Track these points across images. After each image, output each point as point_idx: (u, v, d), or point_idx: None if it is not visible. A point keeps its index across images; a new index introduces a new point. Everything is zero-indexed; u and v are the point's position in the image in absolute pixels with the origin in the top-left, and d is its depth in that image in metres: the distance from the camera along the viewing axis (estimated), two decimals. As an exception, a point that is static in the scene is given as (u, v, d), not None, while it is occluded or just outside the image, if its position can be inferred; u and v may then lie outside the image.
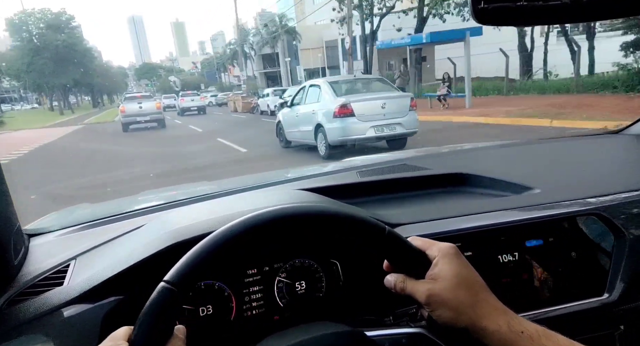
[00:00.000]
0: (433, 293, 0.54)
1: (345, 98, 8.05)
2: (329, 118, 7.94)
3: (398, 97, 8.41)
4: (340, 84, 8.89)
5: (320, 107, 8.34)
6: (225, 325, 0.73)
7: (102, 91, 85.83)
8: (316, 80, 9.94)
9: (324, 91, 8.47)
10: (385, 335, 0.58)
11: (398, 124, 7.97)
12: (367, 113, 7.80)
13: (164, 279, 0.49)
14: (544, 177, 1.07)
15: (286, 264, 0.77)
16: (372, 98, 8.12)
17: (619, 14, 0.53)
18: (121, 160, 10.63)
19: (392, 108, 7.94)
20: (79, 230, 0.96)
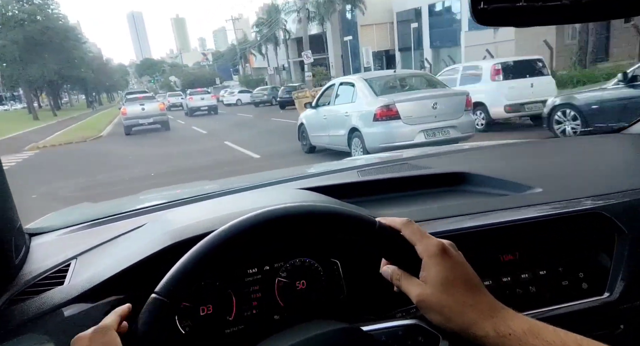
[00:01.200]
0: (422, 298, 0.55)
1: (388, 97, 6.78)
2: (367, 121, 6.74)
3: (451, 95, 7.08)
4: (379, 81, 7.54)
5: (355, 109, 7.15)
6: (225, 324, 0.73)
7: (98, 89, 78.20)
8: (348, 77, 8.61)
9: (360, 90, 7.19)
10: (381, 328, 0.58)
11: (452, 127, 6.67)
12: (415, 115, 6.55)
13: (154, 291, 0.49)
14: (544, 176, 1.07)
15: (286, 263, 0.77)
16: (421, 97, 6.83)
17: (619, 14, 0.53)
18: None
19: (445, 109, 6.66)
20: (79, 229, 0.96)
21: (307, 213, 0.57)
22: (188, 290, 0.51)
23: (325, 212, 0.57)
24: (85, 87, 61.72)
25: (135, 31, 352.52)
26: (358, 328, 0.56)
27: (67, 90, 69.35)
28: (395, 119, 6.55)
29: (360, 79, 7.50)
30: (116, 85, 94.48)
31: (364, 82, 7.31)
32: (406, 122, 6.56)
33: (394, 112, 6.55)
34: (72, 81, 51.27)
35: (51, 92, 49.59)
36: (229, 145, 11.30)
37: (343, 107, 7.54)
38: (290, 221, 0.55)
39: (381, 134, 6.59)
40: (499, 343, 0.50)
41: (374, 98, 6.92)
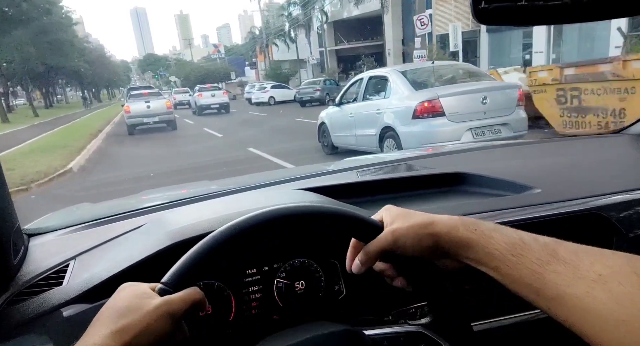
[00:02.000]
0: (393, 228, 0.55)
1: (430, 91, 5.89)
2: (404, 119, 5.86)
3: (502, 88, 6.12)
4: (416, 74, 6.57)
5: (390, 105, 6.22)
6: (224, 325, 0.73)
7: (97, 84, 70.17)
8: (380, 70, 7.65)
9: (396, 83, 6.26)
10: (383, 333, 0.58)
11: (504, 125, 5.76)
12: (462, 112, 5.62)
13: (161, 281, 0.49)
14: (544, 176, 1.07)
15: (286, 264, 0.77)
16: (468, 90, 5.84)
17: (620, 13, 0.53)
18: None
19: (496, 104, 5.72)
20: (78, 229, 0.96)
21: (314, 214, 0.57)
22: (195, 282, 0.51)
23: (333, 213, 0.57)
24: (81, 81, 54.53)
25: (139, 27, 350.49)
26: (360, 331, 0.56)
27: (63, 85, 62.83)
28: (439, 116, 5.61)
29: (395, 71, 6.55)
30: (117, 81, 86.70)
31: (399, 74, 6.33)
32: (451, 120, 5.61)
33: (438, 107, 5.58)
34: (65, 73, 43.98)
35: (38, 85, 42.88)
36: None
37: (374, 104, 6.64)
38: (297, 220, 0.55)
39: (422, 133, 5.66)
40: (466, 238, 0.53)
41: (412, 93, 5.98)
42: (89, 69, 50.07)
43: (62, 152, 10.55)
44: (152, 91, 18.23)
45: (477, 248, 0.52)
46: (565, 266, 0.46)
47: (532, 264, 0.48)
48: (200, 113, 23.49)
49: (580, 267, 0.46)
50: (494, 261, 0.50)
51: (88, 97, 52.35)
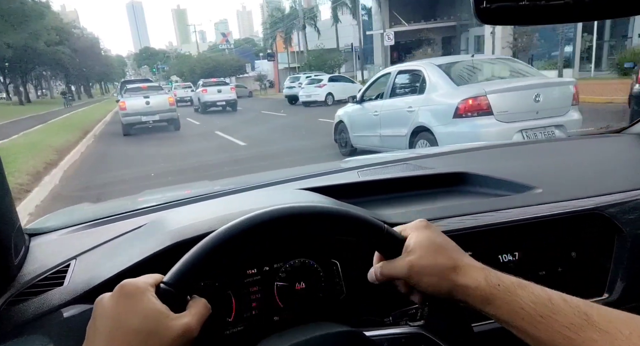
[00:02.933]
0: (412, 263, 0.54)
1: (475, 87, 5.19)
2: (444, 118, 5.14)
3: (557, 84, 5.49)
4: (456, 68, 5.78)
5: (425, 102, 5.50)
6: (224, 325, 0.73)
7: (87, 76, 63.43)
8: (412, 63, 6.81)
9: (432, 78, 5.53)
10: (384, 334, 0.58)
11: (558, 127, 5.06)
12: (512, 111, 4.96)
13: (162, 280, 0.49)
14: (544, 176, 1.06)
15: (286, 264, 0.77)
16: (519, 86, 5.19)
17: (622, 13, 0.53)
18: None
19: (549, 102, 5.04)
20: (79, 229, 0.96)
21: (317, 213, 0.57)
22: (195, 283, 0.51)
23: (334, 213, 0.57)
24: (66, 72, 46.61)
25: (135, 22, 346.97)
26: (361, 332, 0.56)
27: (48, 78, 54.04)
28: (486, 115, 4.93)
29: (432, 64, 5.79)
30: (111, 74, 78.64)
31: (436, 68, 5.61)
32: (500, 119, 4.94)
33: (485, 105, 4.90)
34: (46, 62, 37.43)
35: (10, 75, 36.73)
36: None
37: (405, 101, 5.91)
38: (300, 220, 0.55)
39: (464, 134, 4.94)
40: (488, 294, 0.51)
41: (453, 89, 5.29)
42: (75, 58, 43.47)
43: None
44: (151, 85, 15.77)
45: (500, 304, 0.50)
46: (601, 334, 0.44)
47: (563, 328, 0.45)
48: (204, 111, 20.92)
49: (618, 336, 0.43)
50: (519, 320, 0.48)
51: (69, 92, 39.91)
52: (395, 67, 6.74)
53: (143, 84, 15.37)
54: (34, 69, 40.92)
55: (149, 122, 13.41)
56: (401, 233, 0.59)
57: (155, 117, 13.40)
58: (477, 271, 0.53)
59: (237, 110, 21.23)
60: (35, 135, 13.20)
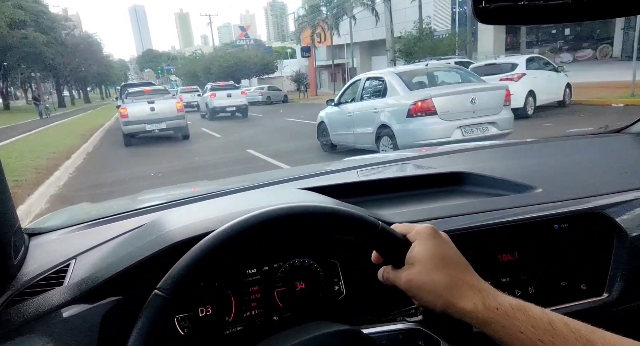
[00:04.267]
0: (410, 278, 0.55)
1: (423, 91, 6.42)
2: (399, 117, 6.33)
3: (490, 88, 6.66)
4: (411, 75, 7.06)
5: (386, 104, 6.69)
6: (224, 325, 0.73)
7: (86, 79, 56.67)
8: (377, 72, 8.16)
9: (392, 84, 6.73)
10: (381, 331, 0.58)
11: (491, 123, 6.27)
12: (452, 111, 6.13)
13: (157, 287, 0.49)
14: (544, 176, 1.07)
15: (285, 264, 0.77)
16: (458, 91, 6.43)
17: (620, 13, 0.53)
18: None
19: (484, 104, 6.23)
20: (78, 229, 0.96)
21: (309, 213, 0.57)
22: (190, 288, 0.51)
23: (328, 212, 0.57)
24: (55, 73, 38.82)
25: (138, 26, 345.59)
26: (359, 330, 0.56)
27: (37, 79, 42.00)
28: (432, 115, 6.11)
29: (391, 72, 7.07)
30: (111, 77, 70.57)
31: (395, 76, 6.85)
32: (443, 118, 6.11)
33: (431, 107, 6.08)
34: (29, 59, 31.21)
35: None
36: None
37: (371, 103, 7.09)
38: (291, 220, 0.55)
39: (415, 131, 6.14)
40: (486, 318, 0.50)
41: (407, 93, 6.48)
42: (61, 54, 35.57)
43: None
44: (156, 89, 14.19)
45: (498, 328, 0.49)
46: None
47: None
48: (213, 118, 19.08)
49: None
50: (519, 344, 0.48)
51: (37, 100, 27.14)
52: (364, 74, 8.06)
53: (147, 88, 13.91)
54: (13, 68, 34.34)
55: (154, 131, 11.82)
56: (406, 235, 0.59)
57: (162, 125, 11.78)
58: (475, 293, 0.52)
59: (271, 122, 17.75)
60: None
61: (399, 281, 0.56)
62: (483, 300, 0.51)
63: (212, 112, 19.10)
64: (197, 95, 26.01)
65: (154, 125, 11.72)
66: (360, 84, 7.59)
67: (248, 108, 20.09)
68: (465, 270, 0.55)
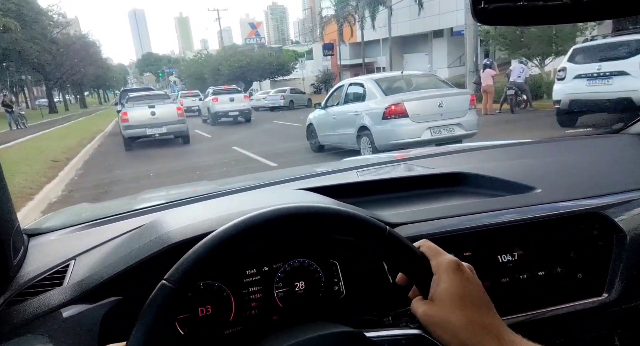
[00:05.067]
0: (428, 313, 0.55)
1: (396, 96, 7.18)
2: (376, 119, 7.09)
3: (456, 94, 7.52)
4: (387, 82, 7.93)
5: (365, 108, 7.47)
6: (224, 325, 0.73)
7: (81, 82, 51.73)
8: (357, 78, 9.07)
9: (370, 90, 7.55)
10: (384, 336, 0.58)
11: (457, 125, 7.07)
12: (422, 114, 6.92)
13: (164, 278, 0.50)
14: (543, 176, 1.07)
15: (285, 264, 0.77)
16: (427, 96, 7.17)
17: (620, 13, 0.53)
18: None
19: (451, 107, 7.03)
20: (78, 230, 0.96)
21: (319, 213, 0.57)
22: (197, 280, 0.51)
23: (337, 214, 0.57)
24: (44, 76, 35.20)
25: (137, 30, 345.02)
26: (361, 333, 0.56)
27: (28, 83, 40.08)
28: (403, 117, 6.88)
29: (370, 79, 7.89)
30: (109, 81, 66.39)
31: (373, 82, 7.66)
32: (414, 120, 6.89)
33: (403, 110, 6.86)
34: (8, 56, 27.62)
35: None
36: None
37: (352, 107, 7.81)
38: (300, 219, 0.56)
39: (390, 131, 6.92)
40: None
41: (382, 98, 7.24)
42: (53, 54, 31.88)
43: None
44: (156, 93, 14.63)
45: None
46: None
47: None
48: (215, 123, 18.61)
49: None
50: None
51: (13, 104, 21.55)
52: (346, 80, 8.92)
53: (147, 93, 14.16)
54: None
55: (155, 135, 11.89)
56: (431, 260, 0.58)
57: (162, 130, 11.84)
58: (492, 340, 0.52)
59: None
60: None
61: (416, 313, 0.57)
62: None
63: (214, 116, 18.51)
64: (199, 99, 25.30)
65: (155, 130, 11.80)
66: (343, 89, 8.37)
67: (251, 113, 19.43)
68: (486, 311, 0.55)
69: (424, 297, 0.58)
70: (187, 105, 23.89)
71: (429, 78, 8.53)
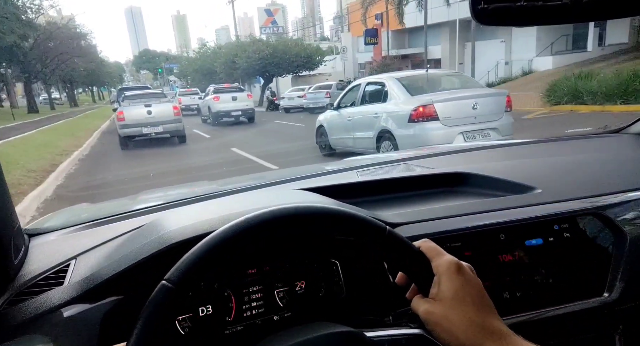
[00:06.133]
0: (429, 312, 0.55)
1: (425, 97, 6.37)
2: (401, 122, 6.31)
3: (492, 95, 6.68)
4: (411, 80, 7.03)
5: (387, 109, 6.67)
6: (224, 325, 0.73)
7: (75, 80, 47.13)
8: (377, 76, 8.12)
9: (393, 89, 6.72)
10: (384, 335, 0.58)
11: (493, 129, 6.26)
12: (454, 116, 6.13)
13: (164, 278, 0.50)
14: (544, 176, 1.07)
15: (286, 264, 0.77)
16: (460, 96, 6.37)
17: (619, 14, 0.53)
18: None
19: (486, 110, 6.26)
20: (79, 229, 0.96)
21: (319, 214, 0.57)
22: (197, 280, 0.51)
23: (336, 214, 0.57)
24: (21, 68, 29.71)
25: (134, 28, 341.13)
26: (362, 333, 0.56)
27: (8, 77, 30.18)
28: (433, 120, 6.11)
29: (392, 78, 7.04)
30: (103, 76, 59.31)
31: (396, 81, 6.85)
32: (445, 124, 6.13)
33: (432, 112, 6.05)
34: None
35: None
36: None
37: (371, 108, 7.06)
38: (301, 220, 0.56)
39: (416, 136, 6.16)
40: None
41: (408, 98, 6.46)
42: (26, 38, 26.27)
43: None
44: (153, 92, 14.57)
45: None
46: None
47: None
48: (216, 123, 17.56)
49: None
50: None
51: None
52: (364, 79, 8.07)
53: (142, 91, 13.92)
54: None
55: (151, 134, 11.85)
56: (432, 260, 0.58)
57: (158, 129, 11.82)
58: (493, 341, 0.52)
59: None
60: None
61: (418, 312, 0.57)
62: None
63: (215, 116, 17.46)
64: (198, 98, 24.12)
65: (151, 129, 11.74)
66: (360, 89, 7.56)
67: (255, 113, 18.13)
68: (486, 312, 0.55)
69: (424, 296, 0.58)
70: (185, 103, 23.72)
71: (458, 77, 7.66)
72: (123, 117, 11.58)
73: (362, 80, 7.97)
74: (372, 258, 0.76)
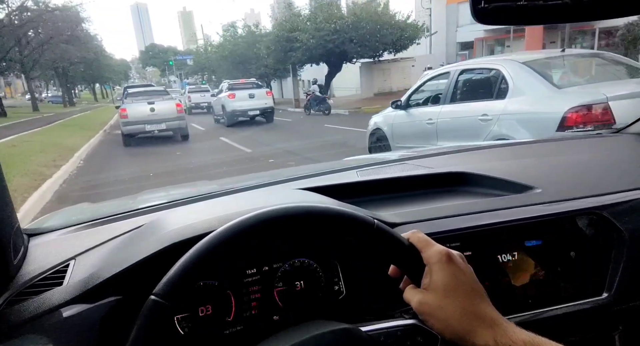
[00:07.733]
0: (422, 302, 0.55)
1: (591, 91, 3.84)
2: (541, 130, 3.85)
3: None
4: (546, 66, 4.39)
5: (507, 109, 4.19)
6: (224, 325, 0.73)
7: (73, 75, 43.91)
8: (481, 60, 5.69)
9: (520, 79, 4.20)
10: (379, 328, 0.58)
11: None
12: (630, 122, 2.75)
13: (153, 292, 0.50)
14: (543, 176, 1.07)
15: (285, 264, 0.77)
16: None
17: (619, 13, 0.53)
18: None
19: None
20: (78, 229, 0.96)
21: (305, 213, 0.57)
22: (186, 292, 0.51)
23: (324, 212, 0.58)
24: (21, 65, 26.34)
25: (140, 25, 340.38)
26: (357, 328, 0.57)
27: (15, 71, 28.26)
28: (605, 128, 3.48)
29: (514, 62, 4.40)
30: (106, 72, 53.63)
31: (522, 67, 4.26)
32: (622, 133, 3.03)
33: (606, 116, 3.54)
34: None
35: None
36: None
37: (475, 107, 4.62)
38: (288, 221, 0.56)
39: None
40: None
41: (553, 93, 3.98)
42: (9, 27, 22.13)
43: None
44: (156, 89, 14.35)
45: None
46: None
47: None
48: (231, 123, 15.47)
49: None
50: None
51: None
52: (455, 65, 5.36)
53: (147, 89, 13.99)
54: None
55: (154, 131, 11.85)
56: (422, 251, 0.58)
57: (161, 126, 11.84)
58: (487, 329, 0.52)
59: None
60: None
61: (411, 303, 0.57)
62: (495, 337, 0.51)
63: (231, 116, 15.52)
64: (210, 95, 22.14)
65: (154, 126, 11.79)
66: (450, 80, 5.06)
67: (274, 112, 16.32)
68: (480, 301, 0.55)
69: (417, 287, 0.58)
70: (195, 101, 22.67)
71: (615, 61, 4.67)
72: (126, 114, 11.65)
73: (451, 67, 5.29)
74: (372, 257, 0.76)
